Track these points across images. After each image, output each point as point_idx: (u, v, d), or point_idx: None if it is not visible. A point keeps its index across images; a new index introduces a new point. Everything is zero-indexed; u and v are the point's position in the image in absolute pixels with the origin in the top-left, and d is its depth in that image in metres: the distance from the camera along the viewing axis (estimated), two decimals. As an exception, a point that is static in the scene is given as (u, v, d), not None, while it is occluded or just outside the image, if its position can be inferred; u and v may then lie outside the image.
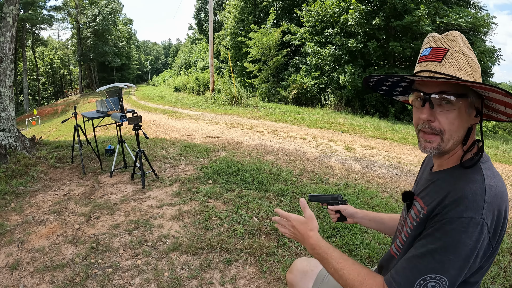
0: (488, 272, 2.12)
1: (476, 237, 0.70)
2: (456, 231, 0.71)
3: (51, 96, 48.94)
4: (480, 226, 0.70)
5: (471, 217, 0.70)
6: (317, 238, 0.92)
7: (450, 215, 0.73)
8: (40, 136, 5.87)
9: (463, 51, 0.78)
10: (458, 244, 0.70)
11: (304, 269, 1.18)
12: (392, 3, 11.19)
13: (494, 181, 0.76)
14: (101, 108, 4.53)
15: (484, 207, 0.71)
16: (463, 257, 0.71)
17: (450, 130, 0.79)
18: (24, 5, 31.40)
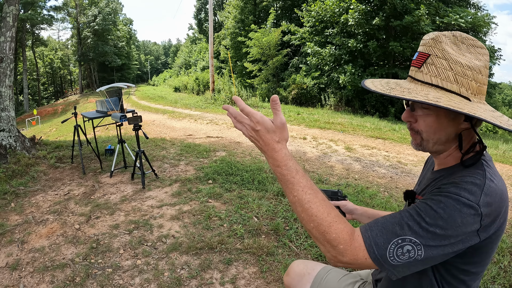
0: (488, 272, 2.12)
1: (467, 220, 0.67)
2: (451, 207, 0.68)
3: (51, 96, 48.95)
4: (474, 211, 0.67)
5: (467, 199, 0.68)
6: (285, 153, 0.73)
7: (449, 190, 0.71)
8: (40, 136, 5.87)
9: (445, 56, 0.74)
10: (449, 220, 0.67)
11: (301, 272, 1.17)
12: (392, 3, 11.19)
13: (495, 180, 0.74)
14: (101, 108, 4.53)
15: (481, 195, 0.69)
16: (448, 235, 0.68)
17: (427, 132, 0.80)
18: (24, 5, 31.40)
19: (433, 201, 0.70)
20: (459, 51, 0.75)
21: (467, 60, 0.73)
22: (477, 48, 0.76)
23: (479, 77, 0.73)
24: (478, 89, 0.74)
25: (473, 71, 0.73)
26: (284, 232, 2.64)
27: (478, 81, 0.73)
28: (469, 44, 0.76)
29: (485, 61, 0.75)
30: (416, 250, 0.68)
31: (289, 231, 2.65)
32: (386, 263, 0.69)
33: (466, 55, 0.75)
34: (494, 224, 0.72)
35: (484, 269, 0.81)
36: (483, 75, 0.74)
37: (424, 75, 0.76)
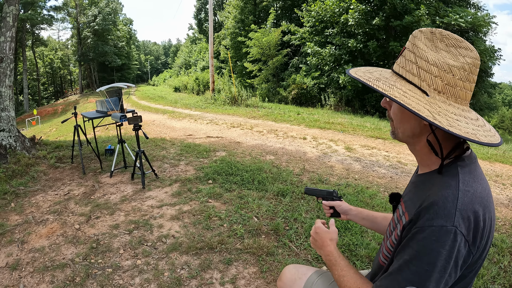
0: (488, 272, 2.12)
1: (449, 245, 0.68)
2: (428, 240, 0.69)
3: (51, 96, 48.95)
4: (452, 235, 0.68)
5: (442, 225, 0.68)
6: (334, 247, 1.00)
7: (421, 223, 0.72)
8: (40, 136, 5.87)
9: (414, 50, 0.76)
10: (432, 254, 0.69)
11: (292, 277, 1.19)
12: (392, 3, 11.19)
13: (473, 186, 0.73)
14: (101, 108, 4.53)
15: (455, 214, 0.68)
16: (439, 267, 0.69)
17: (395, 120, 0.84)
18: (24, 5, 31.40)
19: (412, 241, 0.73)
20: (432, 47, 0.75)
21: (437, 57, 0.73)
22: (460, 49, 0.74)
23: (447, 76, 0.72)
24: (444, 87, 0.73)
25: (440, 69, 0.72)
26: (284, 232, 2.64)
27: (445, 80, 0.72)
28: (450, 44, 0.75)
29: (463, 63, 0.72)
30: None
31: (289, 231, 2.65)
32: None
33: (440, 52, 0.74)
34: (478, 233, 0.71)
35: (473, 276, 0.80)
36: (455, 75, 0.72)
37: (397, 65, 0.80)
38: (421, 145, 0.82)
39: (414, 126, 0.80)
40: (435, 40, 0.76)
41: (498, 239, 2.56)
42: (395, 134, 0.87)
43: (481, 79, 13.22)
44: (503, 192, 3.79)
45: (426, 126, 0.78)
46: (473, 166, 0.78)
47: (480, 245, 0.73)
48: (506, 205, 3.40)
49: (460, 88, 0.73)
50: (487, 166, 4.87)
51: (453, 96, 0.74)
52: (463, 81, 0.73)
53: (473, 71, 0.73)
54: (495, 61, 12.25)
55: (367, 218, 1.21)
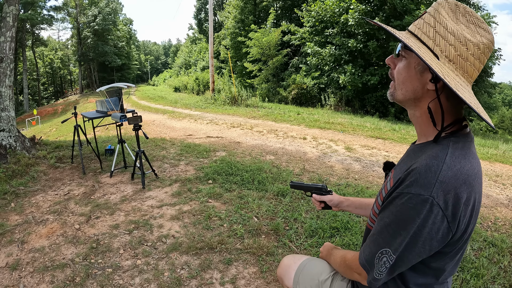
0: (488, 272, 2.12)
1: (425, 215, 0.69)
2: (404, 206, 0.71)
3: (51, 96, 48.95)
4: (429, 205, 0.68)
5: (418, 194, 0.69)
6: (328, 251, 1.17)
7: (400, 189, 0.74)
8: (40, 136, 5.87)
9: (435, 16, 0.75)
10: (406, 219, 0.71)
11: (288, 263, 1.26)
12: (392, 3, 11.19)
13: (461, 162, 0.72)
14: (101, 108, 4.53)
15: (435, 185, 0.69)
16: (411, 234, 0.71)
17: (398, 79, 0.82)
18: (24, 5, 31.40)
19: (392, 205, 0.75)
20: (453, 18, 0.75)
21: (456, 28, 0.73)
22: (479, 28, 0.74)
23: (461, 48, 0.72)
24: (456, 57, 0.73)
25: (456, 38, 0.72)
26: (284, 232, 2.64)
27: (458, 51, 0.73)
28: (471, 21, 0.75)
29: (479, 41, 0.72)
30: (389, 258, 0.75)
31: (289, 231, 2.65)
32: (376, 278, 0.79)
33: (460, 25, 0.74)
34: (461, 212, 0.70)
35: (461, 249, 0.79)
36: (468, 49, 0.72)
37: (413, 25, 0.80)
38: (421, 111, 0.82)
39: (417, 89, 0.79)
40: (458, 13, 0.75)
41: (498, 239, 2.56)
42: (394, 95, 0.85)
43: (481, 79, 13.22)
44: (503, 192, 3.79)
45: (430, 91, 0.77)
46: (468, 144, 0.78)
47: (461, 223, 0.72)
48: (506, 205, 3.40)
49: (471, 64, 0.73)
50: (487, 166, 4.87)
51: (462, 69, 0.74)
52: (474, 58, 0.73)
53: (486, 53, 0.74)
54: (495, 61, 12.25)
55: (360, 207, 1.24)
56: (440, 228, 0.70)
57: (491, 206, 3.34)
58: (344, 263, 0.96)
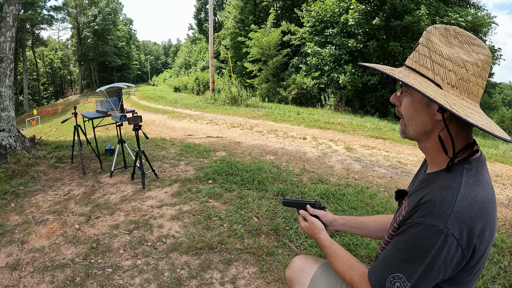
0: (488, 272, 2.12)
1: (439, 245, 0.69)
2: (419, 236, 0.72)
3: (51, 96, 48.95)
4: (444, 236, 0.68)
5: (433, 225, 0.69)
6: (324, 235, 1.09)
7: (414, 219, 0.74)
8: (40, 136, 5.87)
9: (428, 45, 0.76)
10: (421, 249, 0.71)
11: (302, 266, 1.19)
12: (392, 3, 11.19)
13: (475, 190, 0.72)
14: (101, 108, 4.53)
15: (450, 216, 0.69)
16: (426, 263, 0.71)
17: (406, 115, 0.83)
18: (24, 5, 31.40)
19: (406, 234, 0.75)
20: (446, 43, 0.75)
21: (451, 52, 0.74)
22: (473, 46, 0.75)
23: (461, 71, 0.72)
24: (458, 82, 0.73)
25: (454, 63, 0.73)
26: (284, 232, 2.64)
27: (459, 75, 0.73)
28: (463, 40, 0.76)
29: (476, 59, 0.73)
30: (403, 285, 0.74)
31: (289, 231, 2.65)
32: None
33: (454, 48, 0.75)
34: (476, 238, 0.70)
35: (473, 279, 0.79)
36: (468, 70, 0.72)
37: (410, 60, 0.80)
38: (432, 142, 0.81)
39: (426, 122, 0.79)
40: (449, 36, 0.76)
41: (498, 239, 2.56)
42: (405, 133, 0.85)
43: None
44: (503, 192, 3.79)
45: (439, 122, 0.77)
46: (480, 169, 0.77)
47: (477, 251, 0.72)
48: (506, 205, 3.40)
49: (473, 84, 0.73)
50: (487, 166, 4.86)
51: (466, 92, 0.74)
52: (476, 77, 0.73)
53: (485, 68, 0.74)
54: (495, 61, 12.24)
55: (356, 226, 1.19)
56: (454, 257, 0.70)
57: (491, 206, 3.34)
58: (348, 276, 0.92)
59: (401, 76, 0.77)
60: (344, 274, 0.92)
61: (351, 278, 0.89)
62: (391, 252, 0.78)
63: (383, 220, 1.17)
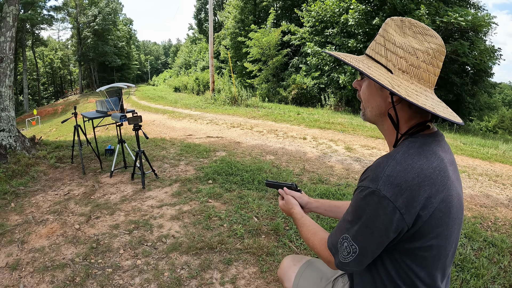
0: (488, 272, 2.12)
1: (374, 206, 0.74)
2: (358, 198, 0.78)
3: (51, 96, 48.95)
4: (376, 197, 0.74)
5: (367, 186, 0.76)
6: (297, 210, 1.15)
7: (358, 184, 0.81)
8: (40, 136, 5.87)
9: (383, 34, 0.83)
10: (359, 210, 0.78)
11: (288, 264, 1.28)
12: (392, 3, 11.19)
13: (415, 158, 0.76)
14: (101, 108, 4.53)
15: (382, 178, 0.74)
16: (364, 223, 0.77)
17: (363, 99, 0.90)
18: (24, 5, 31.40)
19: (352, 199, 0.82)
20: (400, 33, 0.81)
21: (404, 41, 0.79)
22: (425, 36, 0.80)
23: (411, 58, 0.78)
24: (408, 67, 0.78)
25: (405, 51, 0.78)
26: (284, 232, 2.64)
27: (410, 61, 0.78)
28: (417, 31, 0.81)
29: (427, 47, 0.78)
30: (349, 245, 0.80)
31: (289, 231, 2.65)
32: (341, 262, 0.83)
33: (407, 37, 0.80)
34: (417, 203, 0.73)
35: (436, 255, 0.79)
36: (418, 57, 0.78)
37: (368, 48, 0.87)
38: (387, 123, 0.87)
39: (380, 104, 0.85)
40: (404, 27, 0.82)
41: (498, 239, 2.56)
42: (365, 115, 0.92)
43: (481, 79, 13.21)
44: (503, 192, 3.79)
45: (391, 103, 0.82)
46: (428, 142, 0.80)
47: (422, 217, 0.73)
48: (506, 205, 3.40)
49: (424, 70, 0.79)
50: (487, 166, 4.87)
51: (416, 77, 0.79)
52: (426, 64, 0.78)
53: (437, 56, 0.79)
54: (495, 61, 12.23)
55: (330, 209, 1.26)
56: (393, 219, 0.73)
57: (491, 206, 3.34)
58: (311, 242, 0.99)
59: (352, 61, 0.83)
60: (309, 239, 0.99)
61: (314, 243, 0.97)
62: (343, 216, 0.85)
63: None
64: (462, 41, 11.10)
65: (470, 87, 12.80)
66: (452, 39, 11.81)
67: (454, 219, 0.79)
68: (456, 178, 0.82)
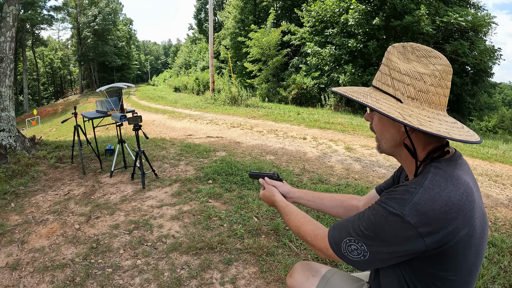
0: (488, 272, 2.12)
1: (394, 226, 0.74)
2: (379, 214, 0.78)
3: (51, 96, 48.96)
4: (399, 219, 0.73)
5: (392, 207, 0.75)
6: (279, 198, 1.17)
7: (380, 199, 0.81)
8: (40, 136, 5.87)
9: (388, 63, 0.82)
10: (378, 225, 0.77)
11: (305, 274, 1.16)
12: (392, 3, 11.19)
13: (441, 185, 0.75)
14: (101, 108, 4.53)
15: (409, 204, 0.73)
16: (381, 238, 0.77)
17: (377, 131, 0.90)
18: (24, 5, 31.41)
19: (371, 208, 0.82)
20: (404, 59, 0.80)
21: (409, 67, 0.78)
22: (430, 58, 0.79)
23: (419, 84, 0.77)
24: (417, 94, 0.78)
25: (411, 77, 0.78)
26: (284, 232, 2.64)
27: (418, 87, 0.78)
28: (420, 55, 0.80)
29: (433, 70, 0.77)
30: (360, 249, 0.80)
31: (289, 231, 2.65)
32: (343, 258, 0.84)
33: (412, 63, 0.79)
34: (442, 231, 0.72)
35: (462, 277, 0.80)
36: (426, 82, 0.77)
37: (375, 79, 0.87)
38: (405, 153, 0.86)
39: (394, 135, 0.85)
40: (407, 53, 0.81)
41: (498, 239, 2.56)
42: (380, 148, 0.91)
43: (481, 79, 13.21)
44: (503, 192, 3.79)
45: (405, 132, 0.82)
46: (452, 168, 0.79)
47: (446, 242, 0.73)
48: (506, 205, 3.40)
49: (433, 94, 0.78)
50: (487, 166, 4.87)
51: (427, 102, 0.78)
52: (434, 87, 0.78)
53: (444, 77, 0.78)
54: (495, 61, 12.23)
55: (313, 200, 1.25)
56: (413, 244, 0.74)
57: (491, 206, 3.34)
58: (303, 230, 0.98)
59: (360, 97, 0.83)
60: (299, 228, 0.99)
61: (306, 232, 0.96)
62: (352, 218, 0.85)
63: (341, 198, 1.24)
64: (462, 41, 11.11)
65: (470, 87, 12.80)
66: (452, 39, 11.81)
67: (480, 238, 0.79)
68: (479, 197, 0.81)
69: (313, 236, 0.94)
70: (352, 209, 1.20)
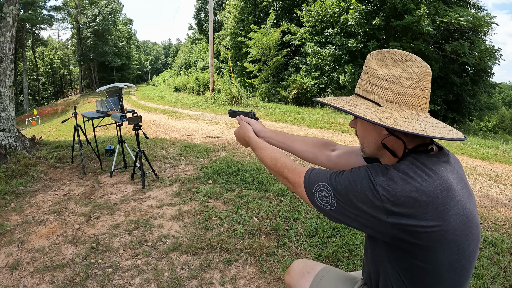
0: (488, 272, 2.12)
1: (365, 187, 0.78)
2: (358, 174, 0.81)
3: (51, 96, 48.97)
4: (372, 186, 0.77)
5: (371, 173, 0.79)
6: (253, 135, 1.25)
7: (366, 165, 0.84)
8: (40, 136, 5.87)
9: (366, 70, 0.85)
10: (352, 182, 0.80)
11: (301, 271, 1.19)
12: (392, 3, 11.19)
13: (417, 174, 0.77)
14: (101, 108, 4.53)
15: (384, 176, 0.77)
16: (351, 193, 0.80)
17: (360, 136, 0.93)
18: (24, 5, 31.42)
19: (354, 168, 0.85)
20: (382, 65, 0.83)
21: (386, 72, 0.81)
22: (406, 62, 0.82)
23: (396, 87, 0.80)
24: (395, 97, 0.80)
25: (389, 81, 0.80)
26: (284, 232, 2.64)
27: (395, 90, 0.80)
28: (397, 59, 0.82)
29: (410, 72, 0.79)
30: (330, 198, 0.84)
31: (289, 231, 2.65)
32: (311, 197, 0.88)
33: (389, 68, 0.82)
34: (409, 216, 0.74)
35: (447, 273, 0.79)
36: (403, 85, 0.79)
37: (357, 87, 0.90)
38: (387, 155, 0.89)
39: (376, 138, 0.87)
40: (384, 59, 0.84)
41: (498, 239, 2.56)
42: (364, 151, 0.94)
43: (481, 79, 13.21)
44: (503, 192, 3.79)
45: (386, 135, 0.85)
46: (431, 163, 0.80)
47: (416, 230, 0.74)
48: (506, 205, 3.40)
49: (411, 96, 0.80)
50: (487, 166, 4.87)
51: (406, 104, 0.80)
52: (412, 89, 0.80)
53: (422, 79, 0.80)
54: (495, 61, 12.23)
55: (283, 141, 1.29)
56: (376, 209, 0.76)
57: (491, 206, 3.34)
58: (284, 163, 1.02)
59: (338, 103, 0.87)
60: (276, 160, 1.04)
61: (284, 163, 1.01)
62: (337, 171, 0.87)
63: (311, 141, 1.29)
64: (462, 41, 11.11)
65: (470, 87, 12.80)
66: (452, 39, 11.81)
67: (464, 236, 0.78)
68: (464, 196, 0.81)
69: (291, 169, 0.98)
70: (322, 156, 1.24)
